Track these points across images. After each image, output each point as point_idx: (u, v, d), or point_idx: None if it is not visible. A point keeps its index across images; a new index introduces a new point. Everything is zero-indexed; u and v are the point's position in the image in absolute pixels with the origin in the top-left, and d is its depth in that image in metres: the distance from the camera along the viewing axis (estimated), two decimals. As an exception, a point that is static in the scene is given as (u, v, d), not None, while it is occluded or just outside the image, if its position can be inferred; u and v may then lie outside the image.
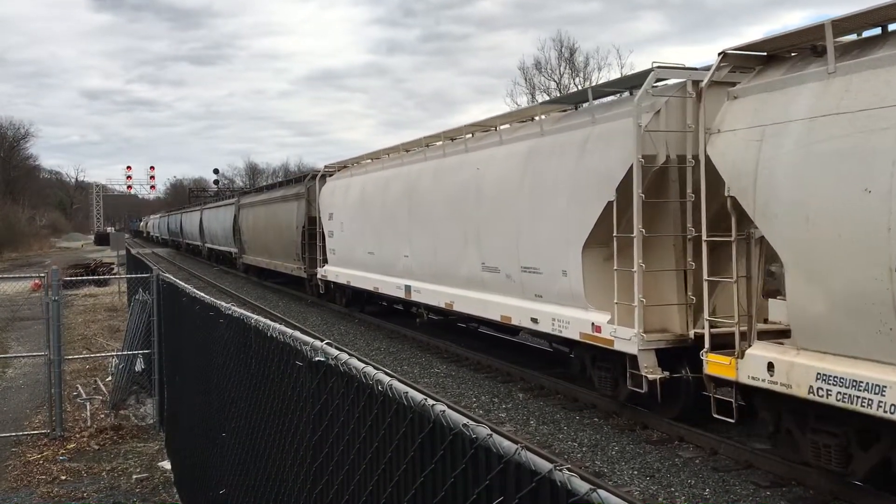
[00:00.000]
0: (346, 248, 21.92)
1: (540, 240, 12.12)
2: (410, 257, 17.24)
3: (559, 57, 56.42)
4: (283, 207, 29.46)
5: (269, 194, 33.76)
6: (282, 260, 29.79)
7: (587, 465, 9.26)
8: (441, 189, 15.81)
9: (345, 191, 22.28)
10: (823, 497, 7.96)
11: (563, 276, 11.54)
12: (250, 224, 35.72)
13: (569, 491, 1.79)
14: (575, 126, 11.82)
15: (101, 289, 30.36)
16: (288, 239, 28.40)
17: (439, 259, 15.84)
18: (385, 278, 18.77)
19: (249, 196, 39.12)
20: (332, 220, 22.93)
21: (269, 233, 31.57)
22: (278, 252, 30.21)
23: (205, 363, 6.34)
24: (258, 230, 34.02)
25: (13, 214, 76.13)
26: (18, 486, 8.52)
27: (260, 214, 33.73)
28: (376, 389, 2.81)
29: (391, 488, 2.75)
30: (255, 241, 34.92)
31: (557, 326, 11.78)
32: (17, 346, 17.82)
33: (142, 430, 10.61)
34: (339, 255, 22.57)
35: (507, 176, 13.20)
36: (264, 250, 33.06)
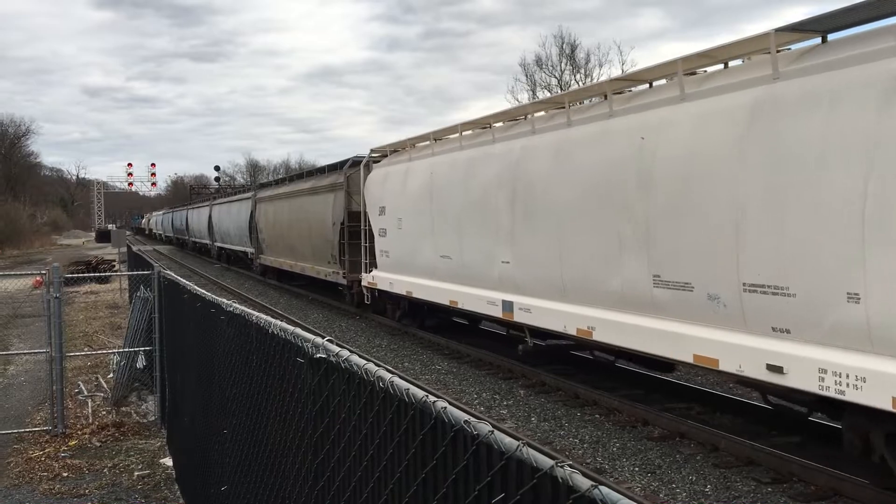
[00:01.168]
0: (405, 249, 17.49)
1: (790, 241, 7.77)
2: (513, 264, 12.90)
3: (560, 53, 56.45)
4: (314, 201, 25.25)
5: (294, 186, 29.18)
6: (311, 262, 25.81)
7: (588, 462, 9.27)
8: (569, 171, 11.35)
9: (402, 179, 17.66)
10: (825, 493, 7.96)
11: (850, 300, 7.21)
12: (270, 221, 31.57)
13: (570, 487, 1.79)
14: (869, 57, 7.25)
15: (102, 286, 30.40)
16: (320, 238, 24.38)
17: (568, 268, 11.39)
18: (468, 290, 14.55)
19: (269, 189, 34.58)
20: (385, 215, 18.51)
21: (295, 231, 27.53)
22: (306, 253, 26.41)
23: (206, 360, 6.34)
24: (280, 227, 29.92)
25: (14, 211, 76.16)
26: (20, 483, 8.53)
27: (282, 210, 29.52)
28: (377, 386, 2.81)
29: (392, 485, 2.75)
30: (277, 241, 30.76)
31: (835, 383, 7.34)
32: (19, 343, 17.84)
33: (143, 427, 10.62)
34: (396, 258, 18.05)
35: (705, 145, 8.89)
36: (288, 251, 29.08)
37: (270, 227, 31.67)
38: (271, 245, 31.97)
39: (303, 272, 27.14)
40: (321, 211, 24.31)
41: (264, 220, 32.66)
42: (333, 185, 23.63)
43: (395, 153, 19.21)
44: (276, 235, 30.86)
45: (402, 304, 18.74)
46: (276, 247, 31.06)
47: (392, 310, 19.56)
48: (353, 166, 22.04)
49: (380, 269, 19.06)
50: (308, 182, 27.44)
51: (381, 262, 18.97)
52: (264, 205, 32.95)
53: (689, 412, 10.86)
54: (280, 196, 30.39)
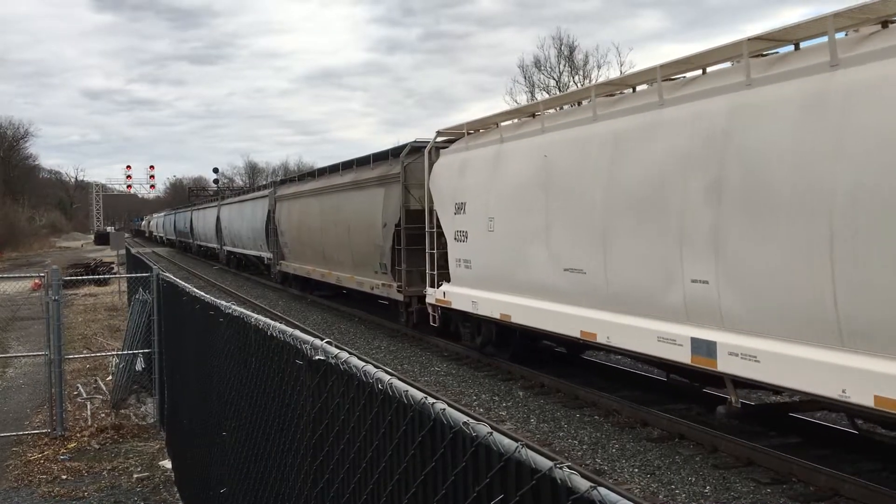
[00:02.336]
0: (498, 259, 13.37)
1: None
2: (717, 284, 8.68)
3: (559, 55, 56.48)
4: (357, 198, 20.92)
5: (327, 180, 24.39)
6: (351, 272, 21.42)
7: (587, 463, 9.27)
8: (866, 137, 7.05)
9: (491, 166, 13.64)
10: (824, 493, 7.96)
11: None
12: (294, 221, 27.16)
13: (569, 489, 1.79)
14: None
15: (101, 288, 30.38)
16: (365, 243, 20.00)
17: (856, 297, 7.09)
18: (621, 319, 10.33)
19: (292, 185, 29.55)
20: (465, 214, 14.47)
21: (330, 234, 23.11)
22: (344, 260, 22.02)
23: (205, 362, 6.34)
24: (308, 230, 25.51)
25: (13, 214, 76.17)
26: (19, 486, 8.53)
27: (311, 209, 25.23)
28: (376, 388, 2.81)
29: (392, 486, 2.75)
30: (303, 245, 26.36)
31: None
32: (18, 345, 17.83)
33: (142, 430, 10.62)
34: (482, 270, 13.96)
35: None
36: (318, 257, 24.63)
37: (294, 229, 27.25)
38: (295, 250, 27.57)
39: (338, 283, 22.85)
40: (367, 210, 19.86)
41: (287, 220, 28.27)
42: (384, 177, 19.05)
43: (474, 134, 15.07)
44: (301, 239, 26.50)
45: (488, 330, 14.53)
46: (302, 252, 26.68)
47: (469, 334, 15.30)
48: (413, 153, 17.72)
49: (455, 282, 15.00)
50: (347, 175, 22.39)
51: (456, 275, 14.90)
52: (287, 203, 28.52)
53: (689, 413, 10.86)
54: (308, 193, 25.80)
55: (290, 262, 28.40)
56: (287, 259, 28.93)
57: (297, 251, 27.52)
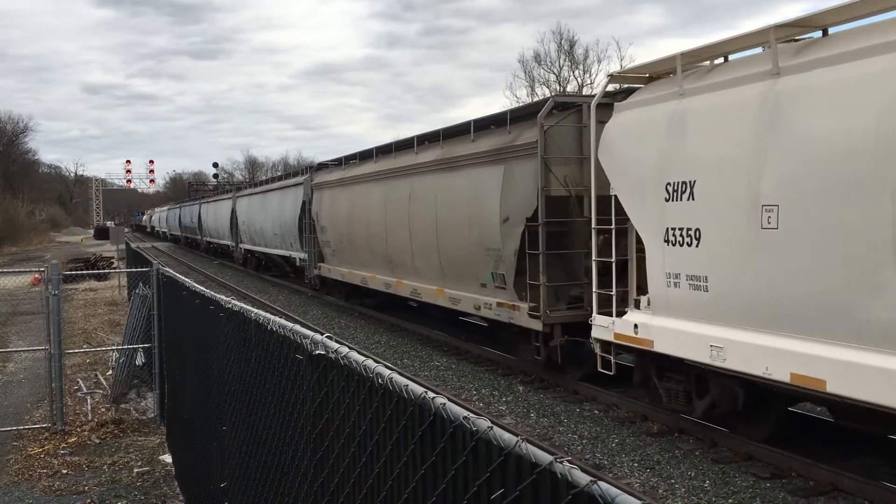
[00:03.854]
0: (790, 279, 7.80)
1: None
2: None
3: (559, 49, 56.50)
4: (453, 182, 14.89)
5: (395, 160, 18.53)
6: (439, 283, 15.76)
7: (587, 458, 9.28)
8: None
9: (758, 119, 8.14)
10: (823, 488, 7.97)
11: None
12: (341, 215, 21.92)
13: (569, 483, 1.79)
14: None
15: (101, 283, 30.41)
16: (468, 244, 14.27)
17: None
18: None
19: (336, 169, 23.87)
20: (692, 200, 9.02)
21: (400, 231, 17.50)
22: (426, 267, 16.35)
23: (205, 357, 6.34)
24: (364, 225, 19.95)
25: (13, 209, 76.12)
26: (20, 480, 8.54)
27: (369, 198, 19.56)
28: (376, 382, 2.81)
29: (392, 481, 2.75)
30: (355, 245, 20.95)
31: None
32: (18, 340, 17.84)
33: (142, 424, 10.63)
34: (741, 294, 8.44)
35: None
36: (380, 261, 19.07)
37: (342, 225, 21.92)
38: (342, 250, 22.20)
39: (414, 296, 17.34)
40: (471, 198, 14.11)
41: (330, 213, 23.02)
42: (504, 150, 13.21)
43: (694, 72, 9.60)
44: (353, 237, 21.09)
45: (746, 398, 9.00)
46: (353, 254, 21.38)
47: (683, 395, 9.83)
48: (560, 111, 12.28)
49: (661, 310, 9.62)
50: (429, 151, 16.72)
51: (668, 299, 9.43)
52: (330, 192, 23.26)
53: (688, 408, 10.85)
54: (365, 178, 20.38)
55: (334, 265, 23.01)
56: (329, 261, 23.55)
57: (344, 252, 22.13)
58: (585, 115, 11.94)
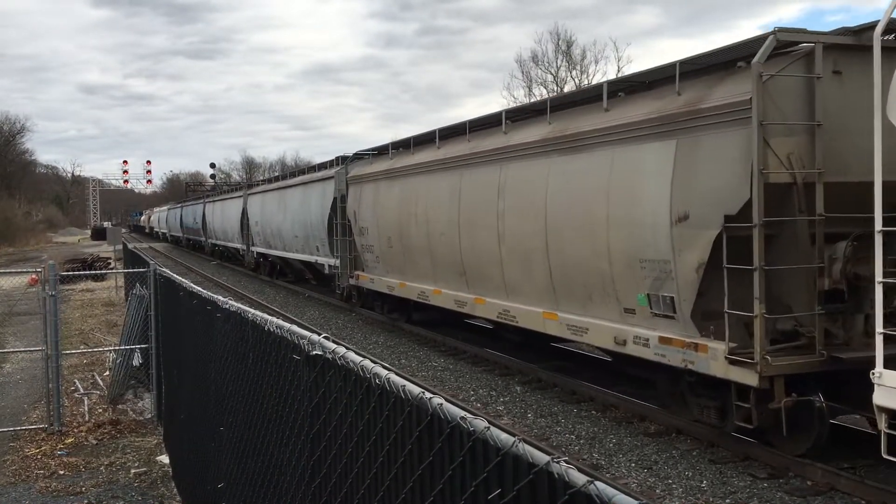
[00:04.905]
0: None
1: None
2: None
3: (556, 50, 56.52)
4: (574, 167, 11.14)
5: (470, 143, 14.61)
6: (551, 305, 11.81)
7: (585, 458, 9.28)
8: None
9: None
10: (820, 488, 7.98)
11: None
12: (388, 214, 17.98)
13: (566, 483, 1.79)
14: None
15: (98, 283, 30.36)
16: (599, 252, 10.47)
17: None
18: None
19: (380, 159, 19.93)
20: None
21: (478, 234, 13.80)
22: (526, 283, 12.43)
23: (202, 357, 6.34)
24: (423, 225, 16.06)
25: (9, 209, 76.07)
26: (17, 481, 8.53)
27: (431, 193, 15.79)
28: (374, 383, 2.81)
29: (389, 481, 2.75)
30: (410, 250, 16.98)
31: None
32: (15, 340, 17.81)
33: (140, 425, 10.61)
34: None
35: None
36: (449, 272, 15.21)
37: (391, 226, 17.90)
38: (390, 257, 18.29)
39: (506, 320, 13.13)
40: (615, 187, 10.26)
41: (372, 212, 19.08)
42: (678, 117, 9.30)
43: None
44: (406, 240, 17.10)
45: None
46: (406, 262, 17.32)
47: None
48: (782, 56, 8.65)
49: None
50: (533, 127, 12.62)
51: None
52: (372, 187, 19.33)
53: (686, 408, 10.86)
54: (420, 168, 16.51)
55: (377, 274, 19.21)
56: (370, 269, 19.71)
57: (392, 259, 18.18)
58: (820, 62, 8.38)
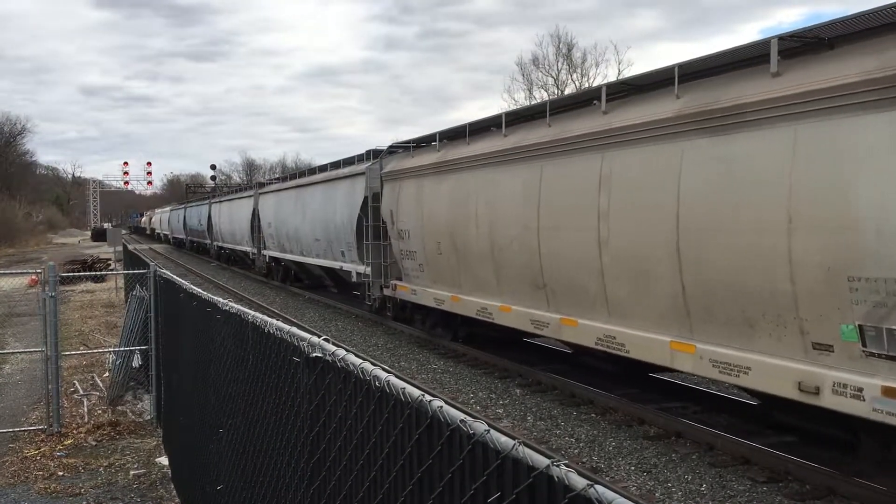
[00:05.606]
0: None
1: None
2: None
3: (557, 53, 56.58)
4: (797, 141, 7.44)
5: (582, 122, 11.15)
6: (736, 339, 8.31)
7: (584, 461, 9.27)
8: None
9: None
10: (820, 492, 7.98)
11: None
12: (438, 215, 15.29)
13: (566, 486, 1.79)
14: None
15: (98, 284, 30.35)
16: (824, 254, 7.23)
17: None
18: None
19: (423, 153, 17.09)
20: None
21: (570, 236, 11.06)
22: (709, 309, 8.72)
23: (202, 359, 6.33)
24: (486, 228, 13.41)
25: (10, 210, 76.07)
26: (16, 482, 8.52)
27: (504, 188, 12.92)
28: (373, 385, 2.81)
29: (388, 484, 2.75)
30: (468, 258, 14.20)
31: None
32: (14, 342, 17.80)
33: (139, 426, 10.61)
34: None
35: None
36: (520, 283, 12.50)
37: (440, 228, 15.21)
38: (438, 265, 15.54)
39: (610, 347, 10.41)
40: (810, 177, 7.41)
41: (416, 213, 16.42)
42: None
43: None
44: (459, 245, 14.48)
45: None
46: (461, 271, 14.59)
47: None
48: None
49: None
50: (650, 103, 9.87)
51: None
52: (413, 184, 16.63)
53: (685, 411, 10.87)
54: (480, 160, 13.82)
55: (421, 284, 16.61)
56: (411, 279, 17.14)
57: (442, 268, 15.42)
58: None
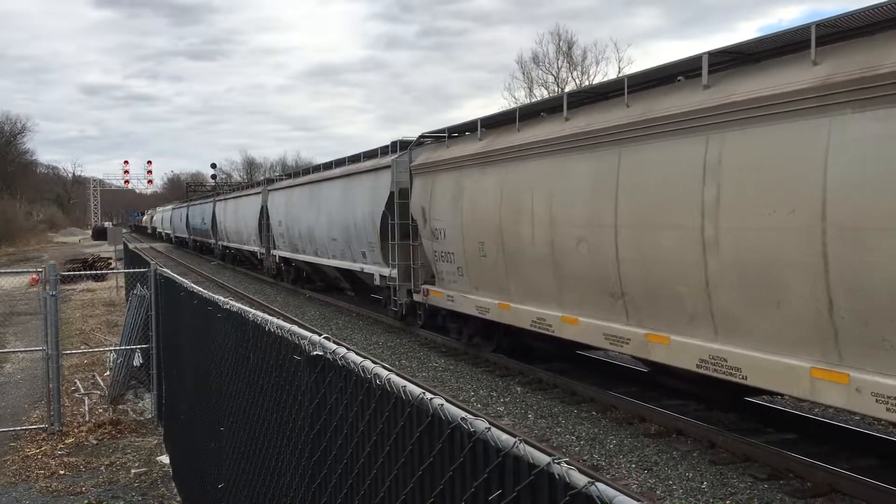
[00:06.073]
0: None
1: None
2: None
3: (557, 51, 56.56)
4: None
5: (676, 97, 9.25)
6: None
7: (585, 459, 9.28)
8: None
9: None
10: (821, 489, 7.98)
11: None
12: (482, 212, 13.60)
13: (567, 484, 1.79)
14: None
15: (98, 283, 30.35)
16: None
17: None
18: None
19: (460, 142, 15.36)
20: None
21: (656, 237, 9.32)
22: None
23: (203, 357, 6.33)
24: (542, 228, 11.71)
25: (10, 209, 76.09)
26: (17, 481, 8.52)
27: (565, 181, 11.13)
28: (374, 383, 2.81)
29: (389, 482, 2.75)
30: (519, 261, 12.52)
31: None
32: (15, 340, 17.81)
33: (140, 425, 10.61)
34: None
35: None
36: (588, 290, 10.73)
37: (486, 227, 13.45)
38: (482, 269, 13.79)
39: (725, 373, 8.32)
40: None
41: (453, 210, 14.67)
42: None
43: None
44: (509, 246, 12.79)
45: None
46: (511, 276, 12.85)
47: None
48: None
49: None
50: (794, 68, 7.59)
51: None
52: (451, 177, 14.83)
53: (686, 409, 10.87)
54: (534, 148, 12.07)
55: (459, 289, 14.81)
56: (447, 283, 15.33)
57: (485, 272, 13.56)
58: None
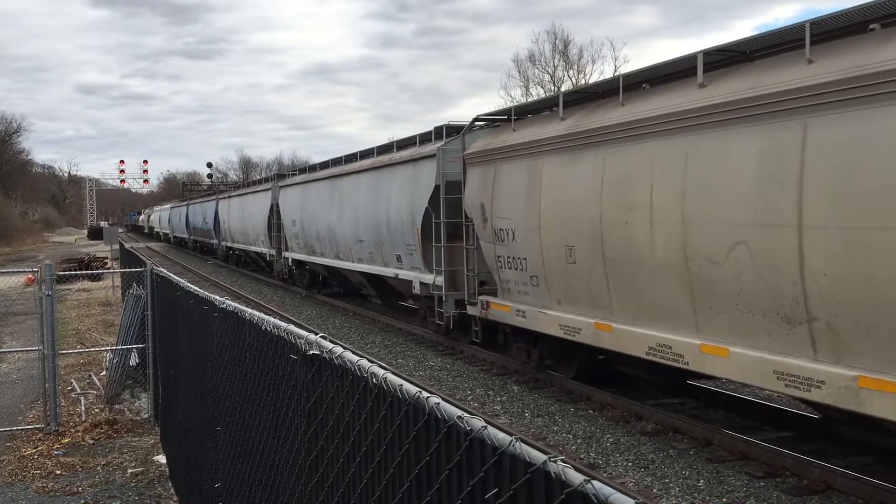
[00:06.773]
0: None
1: None
2: None
3: (553, 50, 56.57)
4: None
5: None
6: None
7: (582, 457, 9.29)
8: None
9: None
10: (817, 487, 8.00)
11: None
12: (570, 208, 10.60)
13: (563, 482, 1.79)
14: None
15: (94, 283, 30.33)
16: None
17: None
18: None
19: (528, 125, 12.26)
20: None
21: None
22: None
23: (199, 357, 6.33)
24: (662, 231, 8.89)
25: (6, 209, 75.94)
26: (13, 481, 8.51)
27: (704, 169, 8.21)
28: (371, 382, 2.81)
29: (386, 481, 2.75)
30: (621, 270, 9.71)
31: None
32: (11, 340, 17.78)
33: (136, 425, 10.60)
34: None
35: None
36: (748, 317, 7.84)
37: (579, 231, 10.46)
38: (570, 282, 10.94)
39: None
40: None
41: (527, 209, 11.75)
42: None
43: None
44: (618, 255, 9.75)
45: None
46: (613, 291, 10.01)
47: None
48: None
49: None
50: None
51: None
52: (523, 167, 11.88)
53: (683, 407, 10.89)
54: (652, 126, 9.07)
55: (533, 303, 12.05)
56: (515, 295, 12.59)
57: (575, 282, 10.84)
58: None
